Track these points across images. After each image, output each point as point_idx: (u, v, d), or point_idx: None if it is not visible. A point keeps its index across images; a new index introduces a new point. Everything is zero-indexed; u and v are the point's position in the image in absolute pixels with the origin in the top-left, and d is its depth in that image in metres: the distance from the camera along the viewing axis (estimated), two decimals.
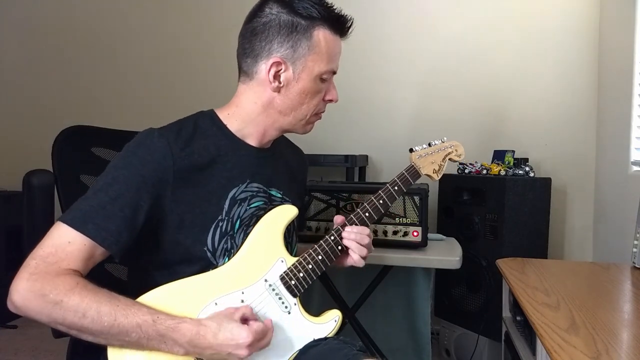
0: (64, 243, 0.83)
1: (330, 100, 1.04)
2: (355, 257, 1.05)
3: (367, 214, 1.09)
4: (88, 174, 1.13)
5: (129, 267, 1.09)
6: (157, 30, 2.95)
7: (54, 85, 3.07)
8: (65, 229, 0.84)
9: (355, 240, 1.04)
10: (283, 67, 0.96)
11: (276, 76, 0.97)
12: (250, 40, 0.97)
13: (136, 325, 0.81)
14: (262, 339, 0.88)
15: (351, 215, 1.08)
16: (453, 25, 2.56)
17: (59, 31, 3.06)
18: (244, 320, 0.88)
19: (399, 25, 2.63)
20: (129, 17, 2.99)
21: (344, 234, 1.04)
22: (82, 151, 1.16)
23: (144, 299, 0.88)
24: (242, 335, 0.83)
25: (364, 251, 1.05)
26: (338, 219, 1.08)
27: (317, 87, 1.00)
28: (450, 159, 1.20)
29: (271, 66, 0.96)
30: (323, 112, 1.06)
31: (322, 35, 0.97)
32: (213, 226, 0.95)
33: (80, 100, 3.02)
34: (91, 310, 0.79)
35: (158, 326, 0.82)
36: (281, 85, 0.97)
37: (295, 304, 0.99)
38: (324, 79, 1.00)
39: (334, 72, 1.02)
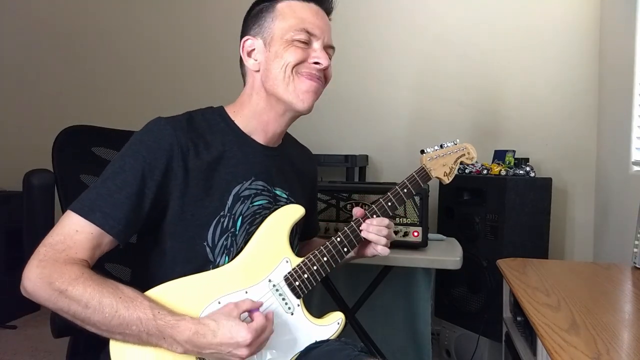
0: (72, 231, 0.85)
1: (317, 63, 0.98)
2: (378, 248, 1.06)
3: (375, 216, 1.08)
4: (88, 174, 1.12)
5: (132, 268, 1.09)
6: (159, 29, 2.95)
7: (54, 85, 3.07)
8: (74, 217, 0.86)
9: (374, 232, 1.05)
10: (255, 44, 1.00)
11: (250, 54, 1.00)
12: None
13: (137, 319, 0.81)
14: (262, 335, 0.86)
15: (357, 217, 1.07)
16: (454, 25, 2.56)
17: (59, 31, 3.06)
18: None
19: (398, 25, 2.63)
20: (130, 17, 2.99)
21: (363, 227, 1.05)
22: (83, 151, 1.16)
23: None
24: (242, 334, 0.82)
25: (383, 240, 1.05)
26: (358, 211, 1.07)
27: (291, 48, 0.96)
28: (462, 162, 1.19)
29: (243, 45, 1.01)
30: (318, 77, 0.99)
31: (285, 4, 0.99)
32: (214, 222, 0.94)
33: (80, 100, 3.02)
34: (93, 300, 0.80)
35: (158, 321, 0.82)
36: (257, 61, 1.00)
37: (298, 305, 0.99)
38: (298, 39, 0.97)
39: (310, 33, 0.98)
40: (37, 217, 1.09)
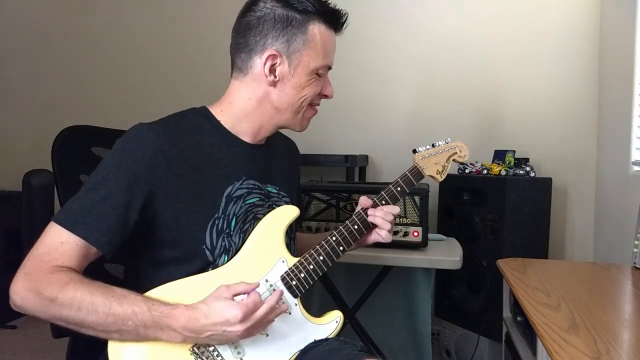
0: (57, 243, 0.83)
1: (326, 96, 1.04)
2: (383, 233, 1.07)
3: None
4: (88, 174, 1.10)
5: (125, 267, 1.08)
6: (158, 30, 2.95)
7: (54, 85, 3.07)
8: (58, 229, 0.84)
9: (381, 216, 1.06)
10: (278, 60, 0.95)
11: (272, 70, 0.96)
12: (245, 34, 0.97)
13: (132, 313, 0.81)
14: (255, 312, 0.86)
15: (353, 216, 1.07)
16: (454, 25, 2.56)
17: (58, 31, 3.06)
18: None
19: (399, 25, 2.63)
20: (129, 17, 2.99)
21: (370, 212, 1.06)
22: (82, 151, 1.15)
23: None
24: (232, 311, 0.83)
25: (388, 225, 1.06)
26: (365, 201, 1.08)
27: (313, 82, 0.99)
28: (454, 160, 1.20)
29: (267, 59, 0.95)
30: (318, 105, 1.05)
31: (317, 29, 0.96)
32: (210, 224, 0.94)
33: (80, 100, 3.02)
34: (85, 302, 0.79)
35: (153, 312, 0.82)
36: (277, 79, 0.97)
37: (296, 305, 0.99)
38: (320, 74, 0.99)
39: (330, 68, 1.02)
40: (36, 217, 1.08)
